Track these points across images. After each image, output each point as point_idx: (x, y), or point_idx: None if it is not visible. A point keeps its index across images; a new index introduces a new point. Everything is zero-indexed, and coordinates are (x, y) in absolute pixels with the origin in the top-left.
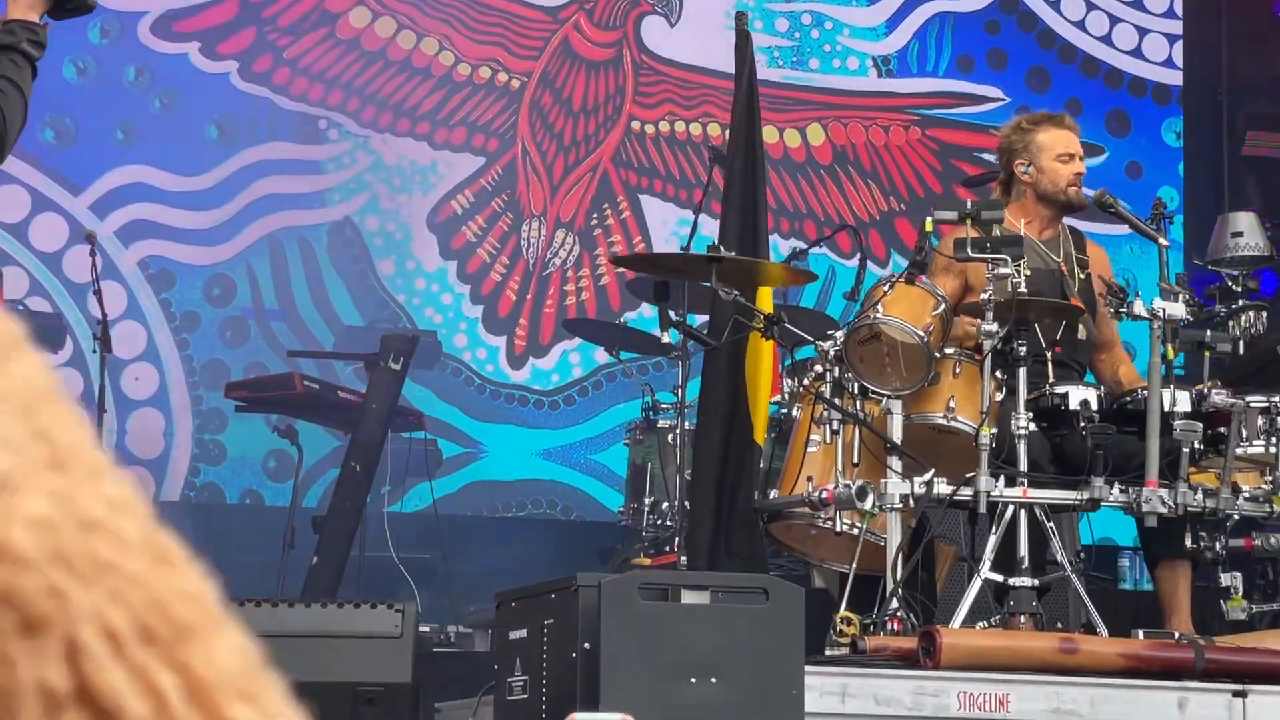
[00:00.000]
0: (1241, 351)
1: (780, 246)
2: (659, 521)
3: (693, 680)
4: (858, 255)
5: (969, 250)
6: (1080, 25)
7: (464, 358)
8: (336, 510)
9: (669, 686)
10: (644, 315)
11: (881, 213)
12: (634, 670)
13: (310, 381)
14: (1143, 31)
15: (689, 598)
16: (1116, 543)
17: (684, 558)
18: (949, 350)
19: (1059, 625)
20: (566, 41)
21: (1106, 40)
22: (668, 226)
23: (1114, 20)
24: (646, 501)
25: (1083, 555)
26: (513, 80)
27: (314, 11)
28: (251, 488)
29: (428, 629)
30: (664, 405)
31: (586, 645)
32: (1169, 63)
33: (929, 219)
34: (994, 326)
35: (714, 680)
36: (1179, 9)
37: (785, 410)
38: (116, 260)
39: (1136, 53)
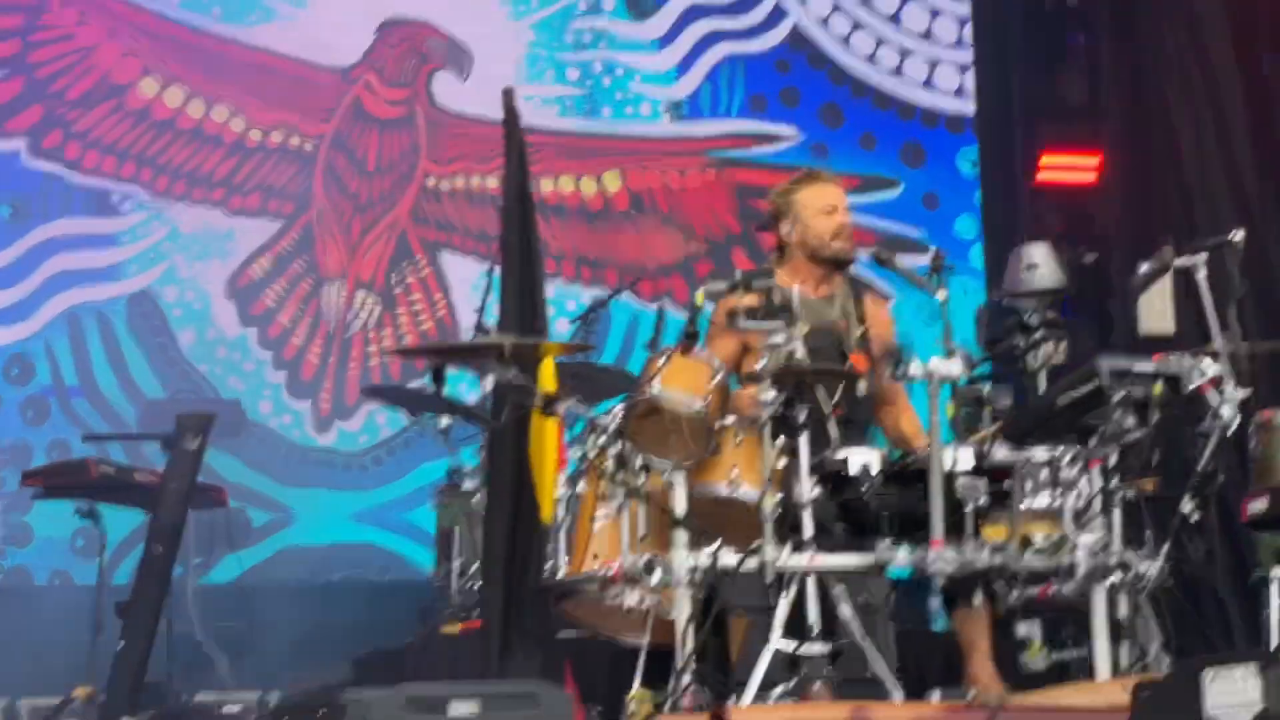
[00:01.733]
0: (1042, 384)
1: (581, 296)
2: (468, 585)
3: None
4: (657, 304)
5: (742, 320)
6: (870, 60)
7: (269, 424)
8: (140, 593)
9: None
10: (449, 374)
11: (681, 257)
12: None
13: (106, 466)
14: (934, 63)
15: (458, 709)
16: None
17: None
18: (729, 420)
19: (868, 673)
20: (358, 101)
21: (897, 73)
22: (468, 282)
23: (904, 53)
24: (455, 564)
25: (891, 597)
26: (305, 143)
27: (102, 84)
28: (60, 568)
29: (239, 705)
30: (468, 468)
31: None
32: (961, 92)
33: (700, 291)
34: (772, 394)
35: None
36: (969, 38)
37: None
38: None
39: (928, 84)
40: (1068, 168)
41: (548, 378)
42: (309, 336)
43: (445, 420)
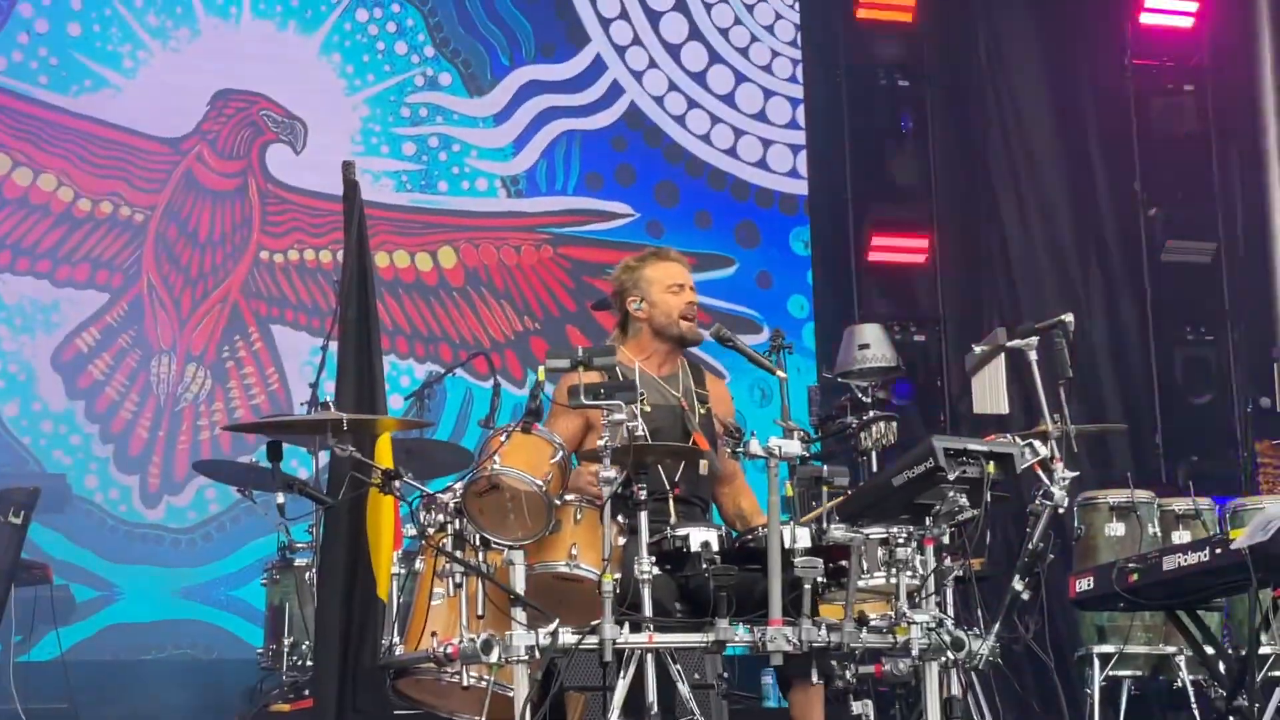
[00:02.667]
0: (874, 464)
1: (416, 371)
2: (299, 663)
3: None
4: (492, 379)
5: (583, 397)
6: (706, 139)
7: (96, 499)
8: None
9: None
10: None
11: (516, 333)
12: None
13: None
14: (767, 143)
15: None
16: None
17: None
18: (569, 497)
19: None
20: (190, 173)
21: (732, 153)
22: (300, 355)
23: (739, 133)
24: (286, 642)
25: (725, 676)
26: (136, 214)
27: None
28: None
29: None
30: (300, 544)
31: None
32: (794, 173)
33: (541, 368)
34: (612, 472)
35: None
36: (802, 120)
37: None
38: None
39: (762, 164)
40: (898, 249)
41: (384, 453)
42: (138, 410)
43: (281, 497)
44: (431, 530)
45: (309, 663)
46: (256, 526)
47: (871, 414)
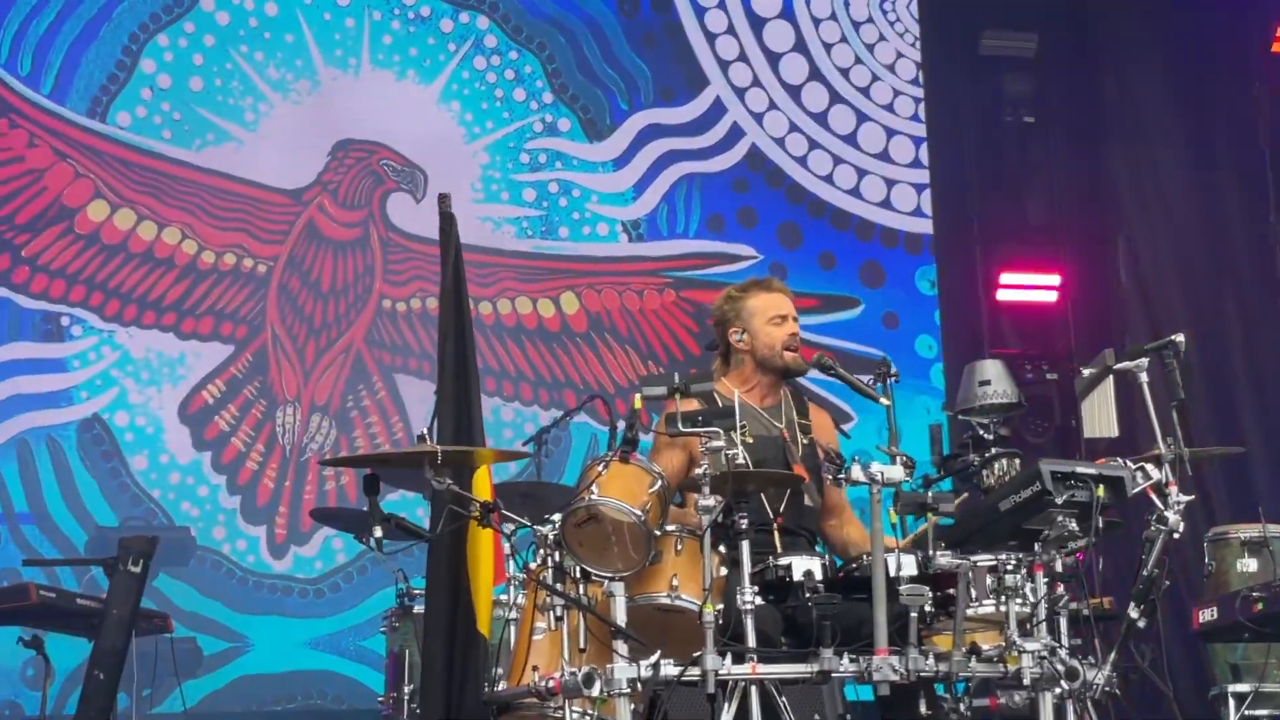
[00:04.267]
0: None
1: (540, 418)
2: (418, 710)
3: None
4: (610, 425)
5: (680, 425)
6: (828, 179)
7: (223, 550)
8: None
9: None
10: (406, 497)
11: (640, 377)
12: None
13: (46, 591)
14: (890, 183)
15: None
16: None
17: None
18: (670, 527)
19: None
20: (312, 223)
21: (855, 193)
22: (425, 403)
23: (862, 173)
24: (406, 689)
25: (847, 717)
26: (259, 265)
27: (51, 207)
28: (10, 698)
29: None
30: (417, 591)
31: None
32: (919, 212)
33: (637, 396)
34: (712, 501)
35: None
36: (925, 159)
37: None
38: None
39: (886, 204)
40: (1027, 285)
41: (483, 486)
42: (264, 461)
43: (379, 531)
44: (533, 563)
45: None
46: (382, 576)
47: (994, 451)
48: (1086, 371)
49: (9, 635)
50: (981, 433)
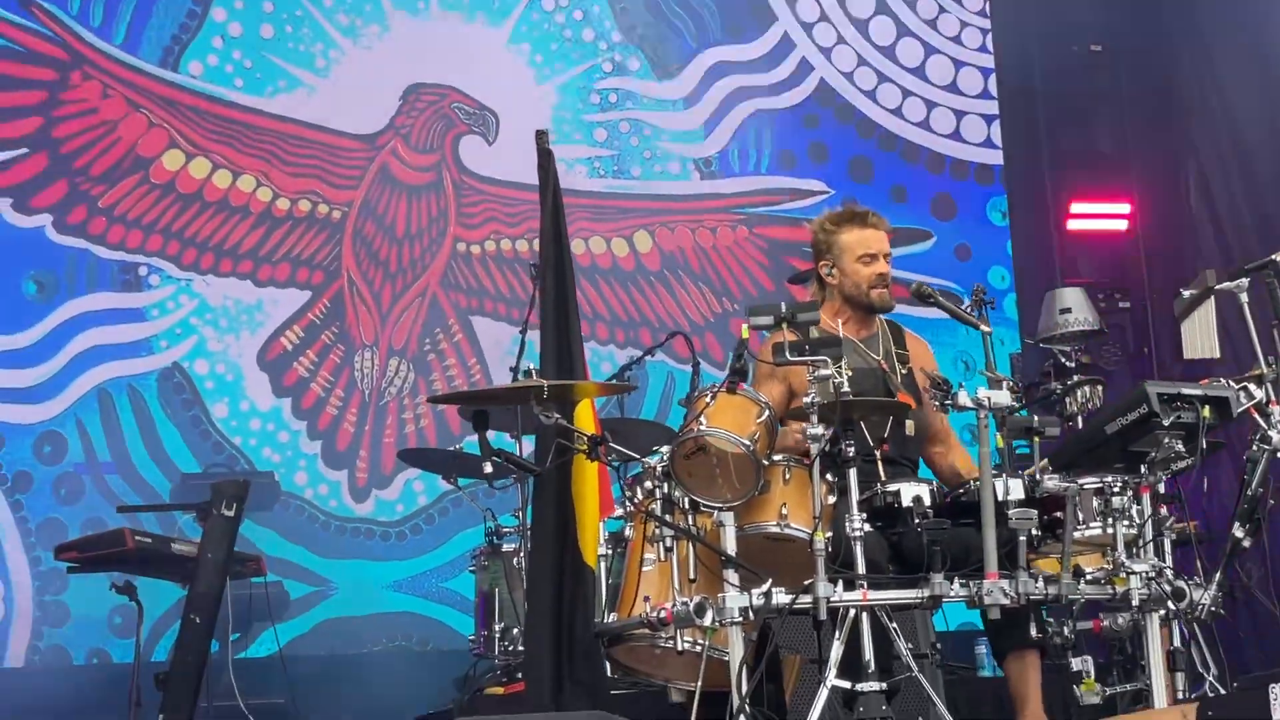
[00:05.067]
0: (1080, 426)
1: (616, 357)
2: (510, 648)
3: None
4: (692, 361)
5: (787, 354)
6: (898, 112)
7: (306, 495)
8: (179, 665)
9: None
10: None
11: (715, 314)
12: None
13: (142, 537)
14: (960, 114)
15: None
16: (976, 627)
17: None
18: (777, 457)
19: (919, 718)
20: (385, 168)
21: (925, 125)
22: (501, 346)
23: (930, 105)
24: (497, 628)
25: (938, 645)
26: (334, 211)
27: (126, 157)
28: (98, 646)
29: None
30: (506, 529)
31: None
32: (989, 143)
33: (744, 326)
34: (819, 429)
35: None
36: (994, 90)
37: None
38: None
39: (956, 135)
40: (1099, 214)
41: (586, 420)
42: (343, 405)
43: (488, 466)
44: (641, 495)
45: (520, 647)
46: (464, 518)
47: (1076, 378)
48: (1187, 293)
49: (97, 583)
50: (1063, 360)
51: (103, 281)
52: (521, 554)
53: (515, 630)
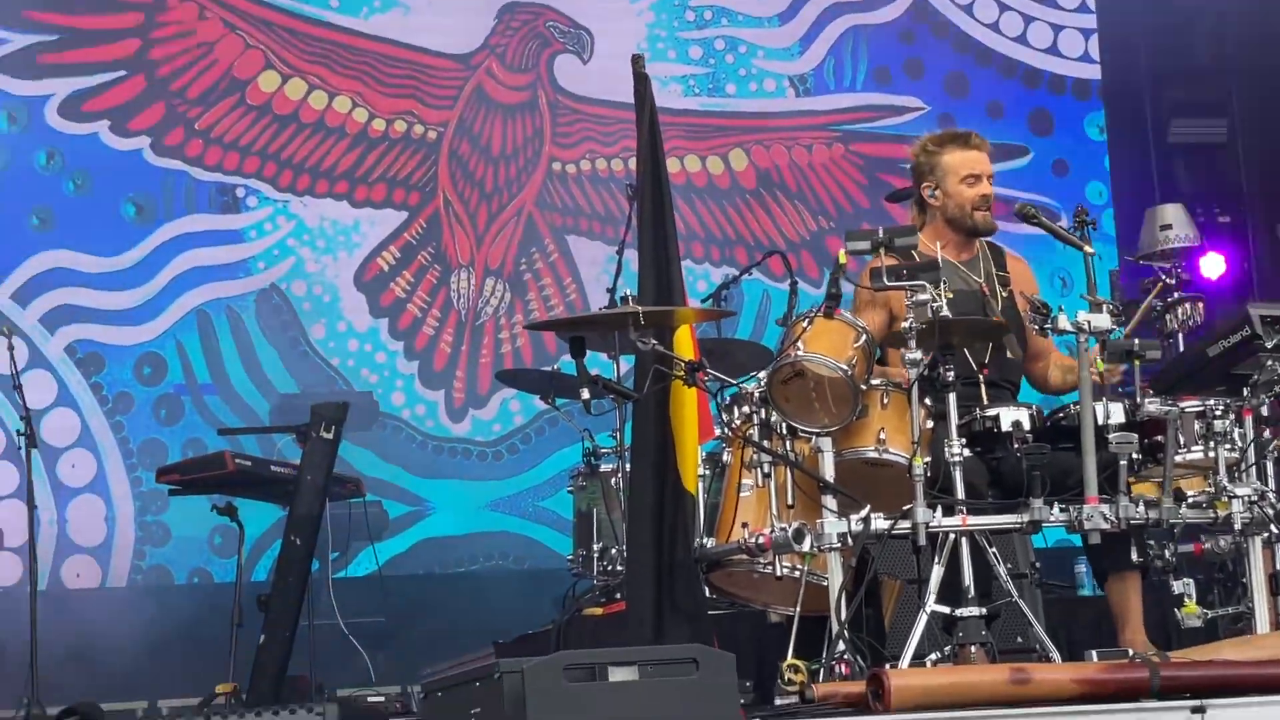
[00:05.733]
0: (1180, 345)
1: (712, 275)
2: (609, 567)
3: None
4: (789, 279)
5: (885, 279)
6: (994, 27)
7: (403, 415)
8: (280, 585)
9: None
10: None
11: (811, 233)
12: None
13: (242, 459)
14: (1057, 28)
15: (617, 675)
16: (1075, 545)
17: None
18: (875, 381)
19: (1019, 639)
20: (480, 88)
21: (1022, 40)
22: (597, 265)
23: (1028, 19)
24: (595, 548)
25: (1038, 566)
26: (429, 131)
27: (223, 80)
28: (199, 566)
29: (383, 697)
30: (604, 450)
31: None
32: (1086, 57)
33: (841, 250)
34: (918, 354)
35: None
36: (1092, 3)
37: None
38: (43, 348)
39: (1053, 50)
40: (1197, 129)
41: (684, 345)
42: (440, 326)
43: (585, 393)
44: (739, 421)
45: (618, 567)
46: (559, 438)
47: (1176, 295)
48: None
49: (198, 504)
50: (1163, 277)
51: (200, 203)
52: (619, 474)
53: (613, 550)
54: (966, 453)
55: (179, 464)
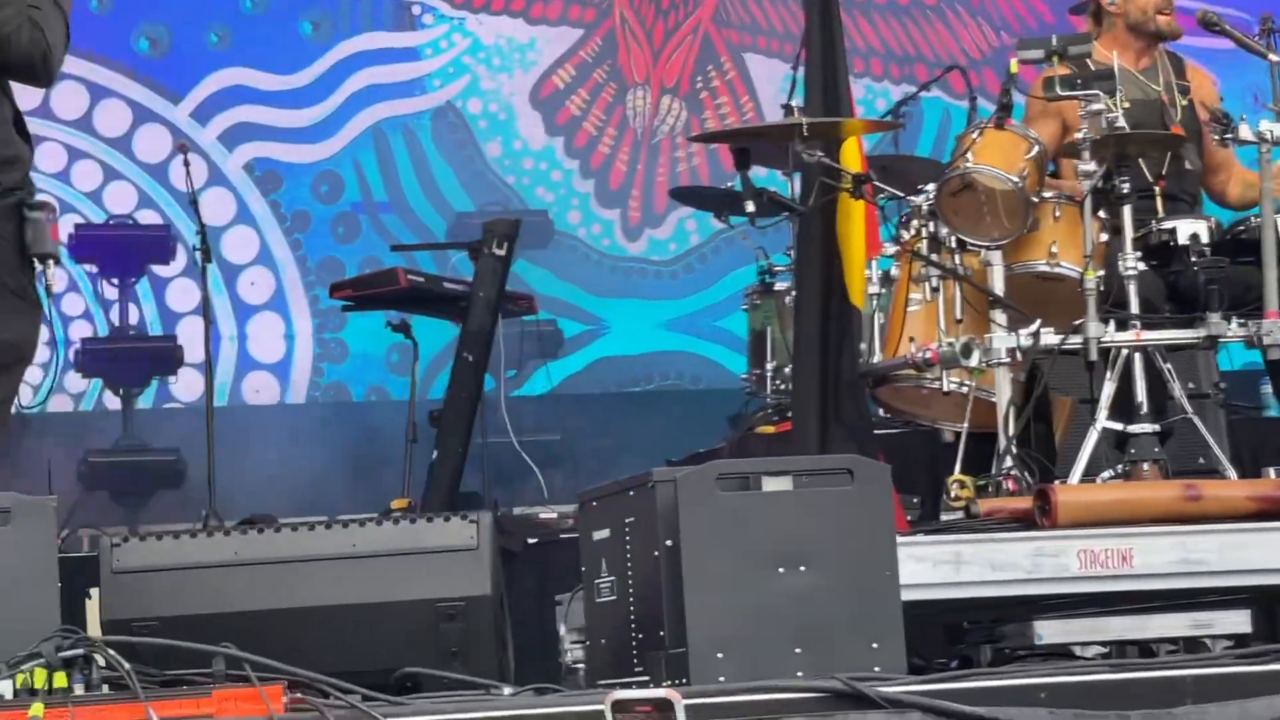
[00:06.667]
0: None
1: (891, 93)
2: (782, 386)
3: (780, 570)
4: (969, 96)
5: (1058, 89)
6: None
7: (579, 234)
8: (453, 402)
9: (756, 578)
10: (757, 175)
11: (993, 49)
12: (719, 565)
13: (414, 275)
14: None
15: (770, 485)
16: (1260, 366)
17: None
18: (1047, 194)
19: (1200, 460)
20: None
21: None
22: (775, 83)
23: None
24: (769, 367)
25: (1222, 386)
26: None
27: None
28: (376, 384)
29: (554, 514)
30: (779, 268)
31: (669, 543)
32: None
33: (1013, 60)
34: (1092, 165)
35: (802, 569)
36: None
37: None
38: (222, 165)
39: None
40: None
41: (852, 158)
42: (615, 144)
43: (750, 205)
44: (907, 234)
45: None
46: (736, 256)
47: None
48: None
49: (374, 321)
50: None
51: (377, 21)
52: (794, 294)
53: (787, 369)
54: (1142, 266)
55: (352, 280)
